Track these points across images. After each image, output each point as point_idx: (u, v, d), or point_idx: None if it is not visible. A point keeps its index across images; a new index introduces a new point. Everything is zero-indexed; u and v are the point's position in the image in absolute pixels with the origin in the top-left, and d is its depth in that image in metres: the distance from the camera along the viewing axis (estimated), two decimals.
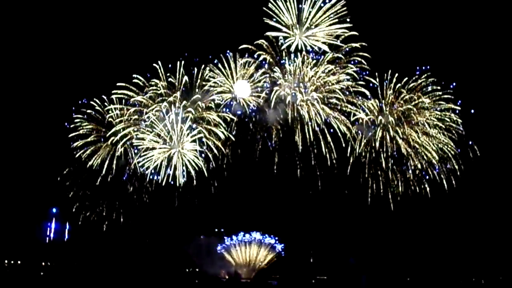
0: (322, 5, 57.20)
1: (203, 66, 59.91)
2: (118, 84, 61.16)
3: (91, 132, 61.10)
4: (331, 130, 58.90)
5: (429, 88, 59.35)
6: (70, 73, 70.15)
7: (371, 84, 59.06)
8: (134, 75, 60.54)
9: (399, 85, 59.45)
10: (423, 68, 59.89)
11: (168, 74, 60.45)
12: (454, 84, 59.66)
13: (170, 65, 60.52)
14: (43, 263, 70.69)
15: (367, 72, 58.83)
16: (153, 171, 58.38)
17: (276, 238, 67.72)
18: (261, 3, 57.60)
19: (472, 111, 58.44)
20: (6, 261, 70.32)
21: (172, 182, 58.34)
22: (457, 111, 58.89)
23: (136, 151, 59.82)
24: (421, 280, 68.18)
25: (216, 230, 70.69)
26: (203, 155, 58.89)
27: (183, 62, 59.68)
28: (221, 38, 62.74)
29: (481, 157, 59.11)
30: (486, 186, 64.06)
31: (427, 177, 59.33)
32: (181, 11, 70.00)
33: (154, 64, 60.46)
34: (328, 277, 67.99)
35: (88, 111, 61.67)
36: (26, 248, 69.98)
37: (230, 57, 59.53)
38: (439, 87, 59.54)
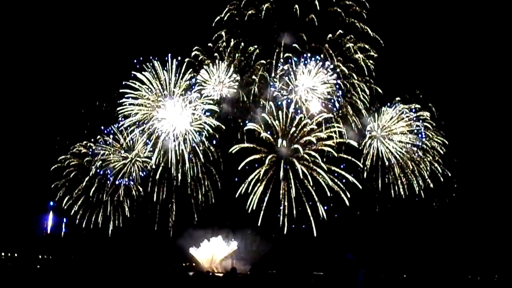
0: None
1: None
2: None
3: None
4: None
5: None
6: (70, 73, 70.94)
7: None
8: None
9: None
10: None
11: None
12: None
13: None
14: (40, 256, 70.91)
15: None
16: None
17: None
18: None
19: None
20: (2, 254, 70.64)
21: None
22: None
23: None
24: (417, 276, 67.96)
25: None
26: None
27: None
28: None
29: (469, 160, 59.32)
30: (482, 185, 63.95)
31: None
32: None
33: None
34: (325, 273, 67.68)
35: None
36: (23, 241, 70.23)
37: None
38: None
